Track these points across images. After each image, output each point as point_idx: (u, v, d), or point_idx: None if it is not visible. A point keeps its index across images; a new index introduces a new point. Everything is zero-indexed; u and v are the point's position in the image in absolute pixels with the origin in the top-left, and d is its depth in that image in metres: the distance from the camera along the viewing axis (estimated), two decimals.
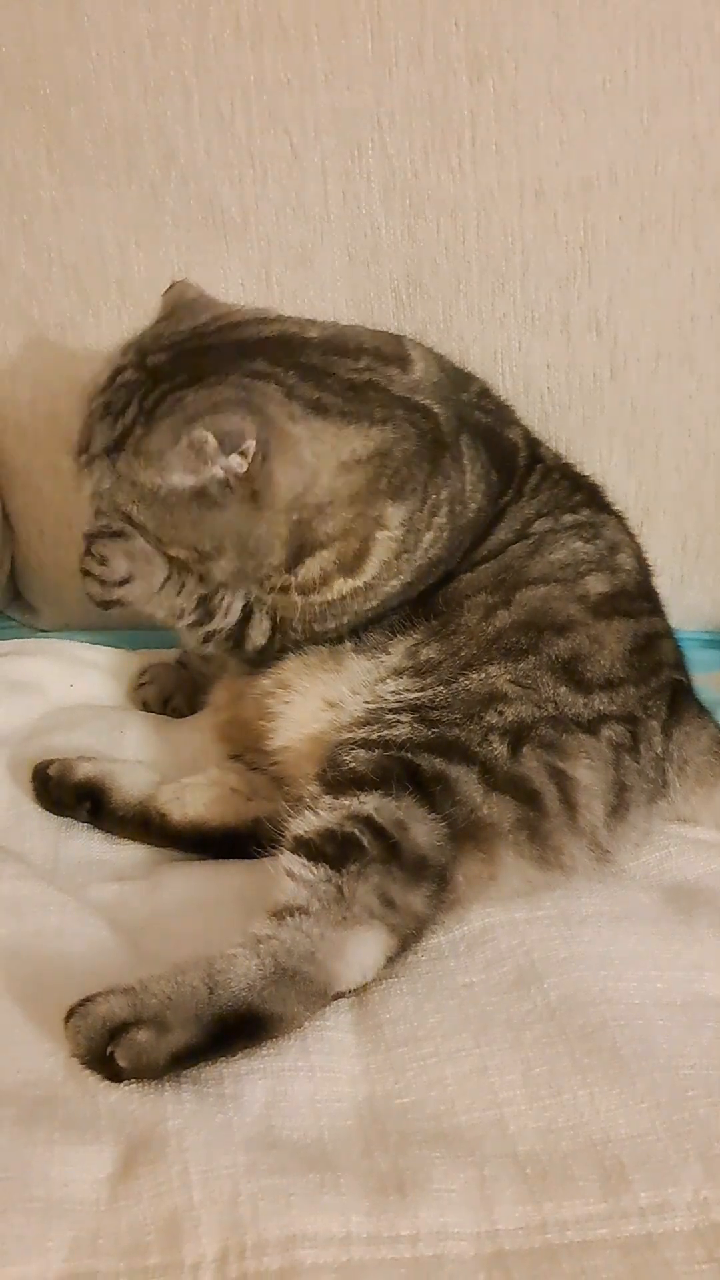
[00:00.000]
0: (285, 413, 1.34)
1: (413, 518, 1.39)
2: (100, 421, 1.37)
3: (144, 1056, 1.05)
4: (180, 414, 1.32)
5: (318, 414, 1.35)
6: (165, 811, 1.43)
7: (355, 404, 1.38)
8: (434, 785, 1.24)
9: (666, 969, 1.19)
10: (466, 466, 1.45)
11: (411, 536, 1.40)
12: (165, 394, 1.34)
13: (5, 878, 1.31)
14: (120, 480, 1.34)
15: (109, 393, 1.38)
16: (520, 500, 1.49)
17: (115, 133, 1.66)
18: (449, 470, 1.42)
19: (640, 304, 1.69)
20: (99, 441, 1.36)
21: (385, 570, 1.40)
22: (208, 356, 1.38)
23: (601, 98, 1.60)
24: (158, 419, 1.33)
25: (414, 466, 1.39)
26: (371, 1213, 0.96)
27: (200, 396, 1.33)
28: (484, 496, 1.45)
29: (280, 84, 1.62)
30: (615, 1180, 0.98)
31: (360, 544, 1.38)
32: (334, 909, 1.15)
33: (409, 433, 1.39)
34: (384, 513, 1.38)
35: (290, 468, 1.33)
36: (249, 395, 1.33)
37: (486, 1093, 1.07)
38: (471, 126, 1.62)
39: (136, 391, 1.36)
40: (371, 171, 1.65)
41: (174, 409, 1.33)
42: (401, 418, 1.40)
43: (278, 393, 1.34)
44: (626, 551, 1.49)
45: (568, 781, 1.30)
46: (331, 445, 1.36)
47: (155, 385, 1.35)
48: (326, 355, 1.40)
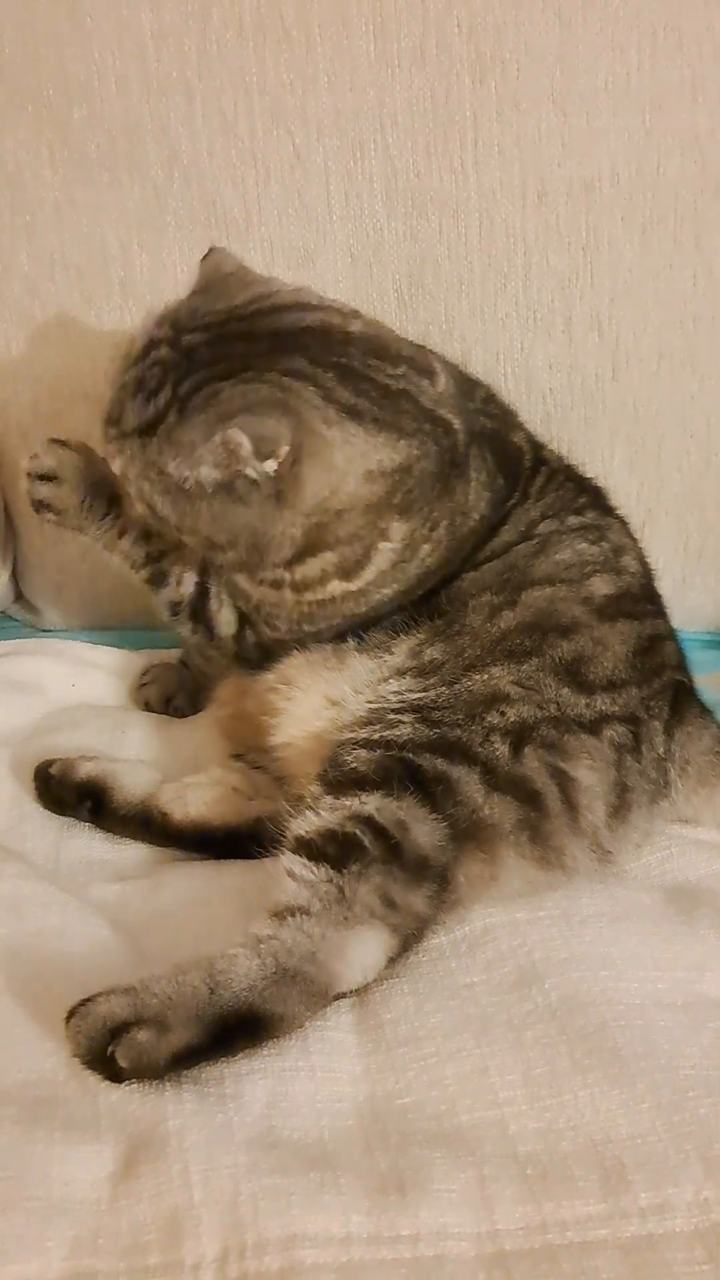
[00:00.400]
0: (320, 416, 1.31)
1: (413, 533, 1.39)
2: (132, 399, 1.34)
3: (145, 1056, 1.05)
4: (215, 410, 1.29)
5: (352, 419, 1.33)
6: (167, 811, 1.43)
7: (389, 412, 1.36)
8: (435, 785, 1.24)
9: (667, 970, 1.19)
10: (472, 478, 1.44)
11: (409, 550, 1.39)
12: (201, 384, 1.31)
13: (7, 877, 1.31)
14: (148, 466, 1.33)
15: (142, 367, 1.35)
16: (526, 503, 1.49)
17: (118, 133, 1.66)
18: (455, 486, 1.42)
19: (642, 305, 1.69)
20: (130, 419, 1.34)
21: (380, 578, 1.39)
22: (245, 344, 1.34)
23: (604, 99, 1.60)
24: (192, 410, 1.30)
25: (427, 487, 1.38)
26: (372, 1213, 0.96)
27: (237, 393, 1.30)
28: (488, 504, 1.45)
29: (283, 85, 1.62)
30: (615, 1181, 0.99)
31: (363, 552, 1.38)
32: (335, 909, 1.15)
33: (430, 450, 1.38)
34: (390, 526, 1.37)
35: (320, 472, 1.32)
36: (286, 397, 1.30)
37: (487, 1093, 1.07)
38: (474, 127, 1.62)
39: (171, 373, 1.32)
40: (374, 172, 1.65)
41: (209, 403, 1.30)
42: (427, 433, 1.38)
43: (315, 395, 1.32)
44: (631, 554, 1.49)
45: (569, 782, 1.30)
46: (361, 452, 1.34)
47: (190, 371, 1.32)
48: (366, 357, 1.37)
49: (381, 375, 1.37)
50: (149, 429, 1.32)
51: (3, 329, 1.77)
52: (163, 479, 1.32)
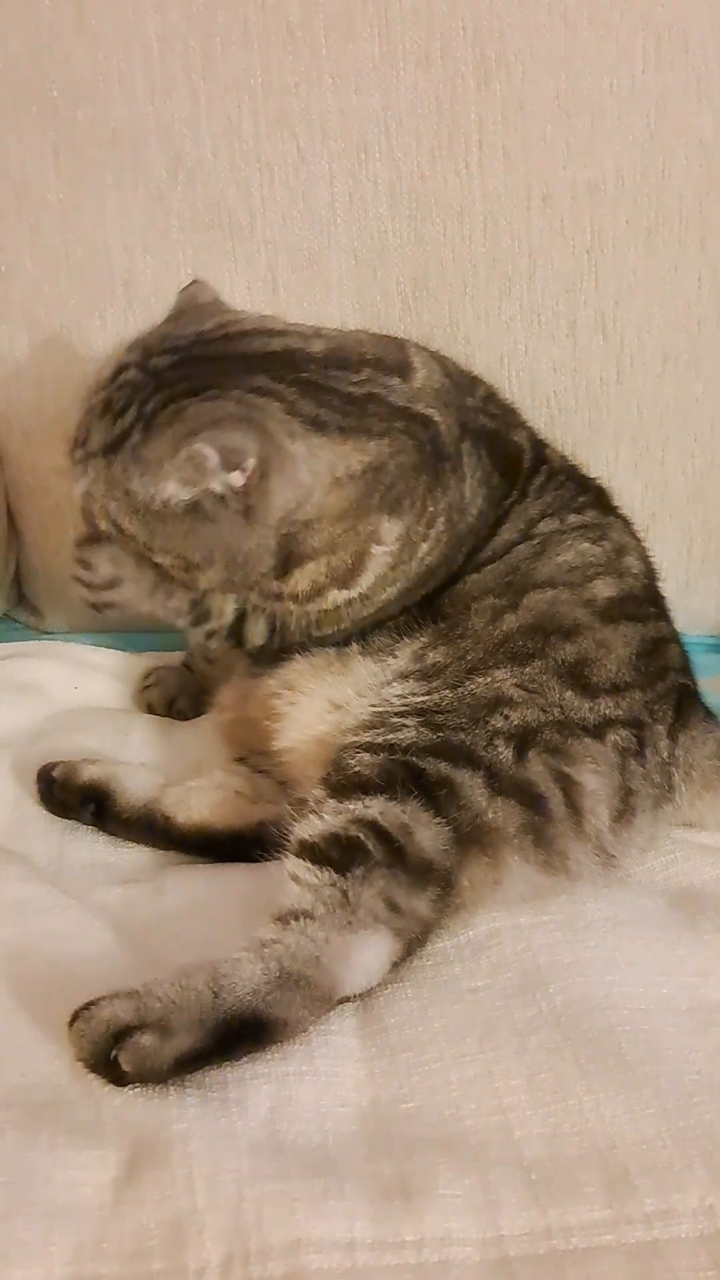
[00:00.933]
0: (285, 430, 1.33)
1: (409, 531, 1.39)
2: (99, 419, 1.36)
3: (148, 1061, 1.04)
4: (181, 426, 1.31)
5: (316, 430, 1.35)
6: (170, 814, 1.42)
7: (354, 418, 1.37)
8: (439, 789, 1.24)
9: (672, 974, 1.18)
10: (467, 474, 1.44)
11: (407, 550, 1.39)
12: (166, 402, 1.33)
13: (9, 880, 1.31)
14: (113, 486, 1.34)
15: (110, 389, 1.37)
16: (525, 500, 1.49)
17: (122, 135, 1.66)
18: (448, 480, 1.42)
19: (647, 307, 1.69)
20: (96, 439, 1.35)
21: (381, 582, 1.40)
22: (212, 366, 1.37)
23: (608, 102, 1.60)
24: (157, 427, 1.32)
25: (411, 479, 1.39)
26: (376, 1218, 0.95)
27: (202, 409, 1.32)
28: (485, 501, 1.45)
29: (287, 87, 1.62)
30: (620, 1186, 0.98)
31: (354, 558, 1.38)
32: (339, 913, 1.15)
33: (406, 445, 1.39)
34: (379, 527, 1.37)
35: (287, 485, 1.33)
36: (251, 411, 1.32)
37: (491, 1098, 1.06)
38: (478, 130, 1.62)
39: (138, 394, 1.35)
40: (378, 174, 1.65)
41: (174, 419, 1.32)
42: (399, 429, 1.39)
43: (279, 410, 1.33)
44: (634, 555, 1.49)
45: (573, 786, 1.29)
46: (327, 462, 1.35)
47: (157, 390, 1.34)
48: (327, 369, 1.38)
49: (344, 385, 1.38)
50: (114, 448, 1.34)
51: (7, 331, 1.77)
52: (129, 498, 1.33)
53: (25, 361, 1.79)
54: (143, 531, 1.35)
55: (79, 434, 1.38)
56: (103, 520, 1.37)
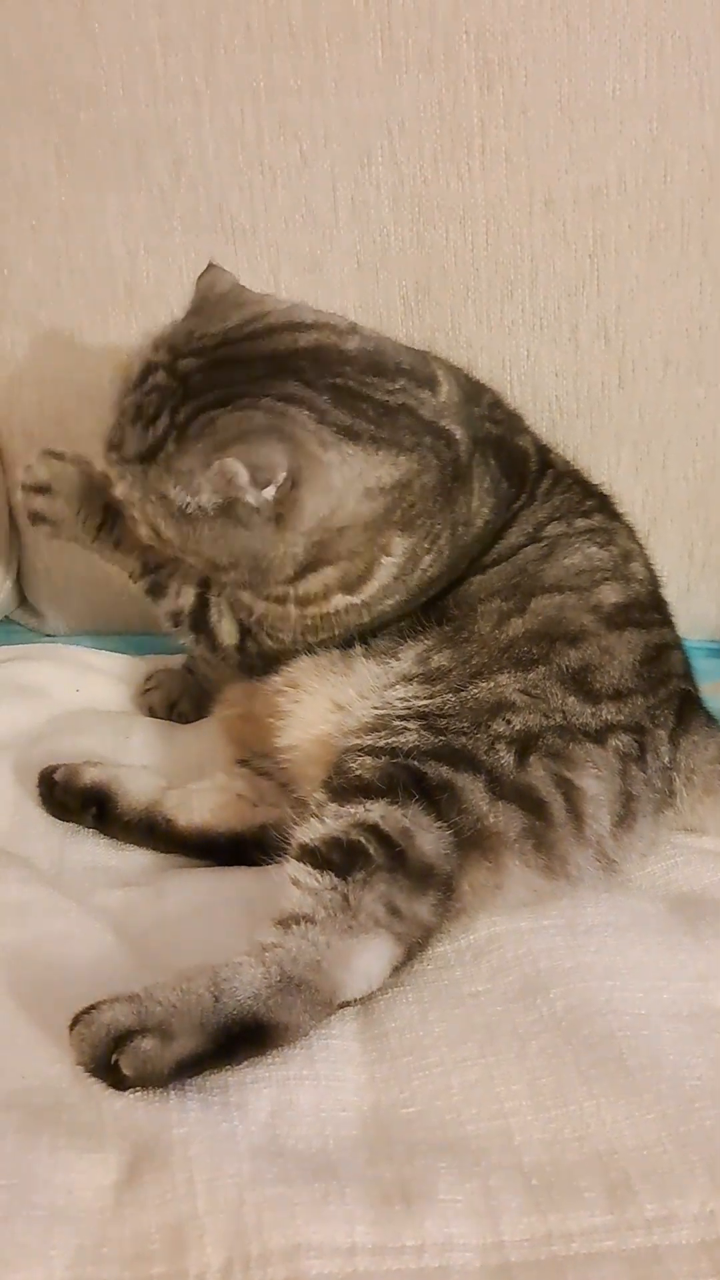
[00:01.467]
0: (317, 439, 1.31)
1: (415, 547, 1.39)
2: (132, 425, 1.34)
3: (149, 1064, 1.04)
4: (211, 438, 1.30)
5: (349, 439, 1.33)
6: (171, 817, 1.42)
7: (387, 429, 1.36)
8: (440, 793, 1.24)
9: (673, 979, 1.18)
10: (475, 486, 1.44)
11: (410, 562, 1.39)
12: (197, 411, 1.32)
13: (10, 882, 1.31)
14: (149, 491, 1.33)
15: (140, 393, 1.35)
16: (532, 505, 1.49)
17: (124, 138, 1.66)
18: (458, 498, 1.42)
19: (649, 312, 1.69)
20: (131, 446, 1.34)
21: (383, 591, 1.40)
22: (240, 369, 1.35)
23: (611, 106, 1.60)
24: (189, 438, 1.31)
25: (429, 501, 1.39)
26: (376, 1223, 0.95)
27: (231, 421, 1.30)
28: (491, 510, 1.45)
29: (290, 90, 1.62)
30: (621, 1192, 0.98)
31: (365, 567, 1.38)
32: (340, 918, 1.15)
33: (431, 464, 1.38)
34: (390, 541, 1.38)
35: (319, 494, 1.32)
36: (281, 422, 1.30)
37: (492, 1103, 1.06)
38: (481, 134, 1.62)
39: (168, 400, 1.33)
40: (381, 178, 1.65)
41: (205, 431, 1.30)
42: (428, 446, 1.38)
43: (310, 419, 1.32)
44: (639, 561, 1.49)
45: (574, 791, 1.29)
46: (360, 471, 1.34)
47: (187, 397, 1.33)
48: (363, 374, 1.37)
49: (379, 392, 1.37)
50: (149, 456, 1.33)
51: (8, 333, 1.77)
52: (165, 503, 1.32)
53: (26, 363, 1.79)
54: (177, 535, 1.34)
55: (113, 437, 1.37)
56: (143, 524, 1.37)
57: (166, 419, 1.32)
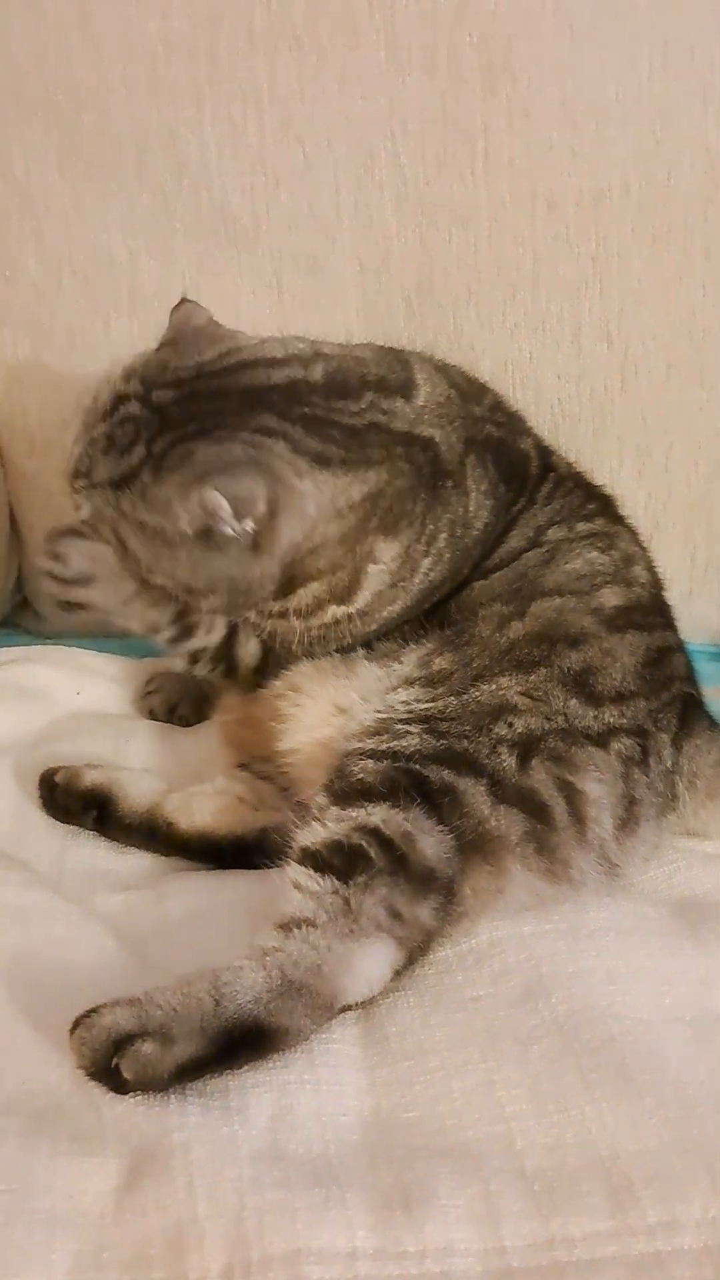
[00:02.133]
0: (292, 469, 1.33)
1: (409, 550, 1.39)
2: (104, 455, 1.36)
3: (149, 1069, 1.04)
4: (190, 470, 1.31)
5: (321, 466, 1.35)
6: (172, 820, 1.42)
7: (355, 450, 1.37)
8: (442, 797, 1.23)
9: (675, 984, 1.18)
10: (471, 487, 1.44)
11: (407, 567, 1.40)
12: (174, 442, 1.33)
13: (10, 885, 1.30)
14: (122, 515, 1.34)
15: (111, 424, 1.36)
16: (533, 508, 1.49)
17: (127, 140, 1.66)
18: (449, 497, 1.42)
19: (651, 315, 1.69)
20: (101, 472, 1.35)
21: (379, 599, 1.40)
22: (217, 402, 1.36)
23: (614, 109, 1.60)
24: (167, 469, 1.32)
25: (408, 501, 1.39)
26: (377, 1228, 0.95)
27: (211, 453, 1.32)
28: (491, 512, 1.45)
29: (293, 93, 1.62)
30: (623, 1197, 0.97)
31: (350, 577, 1.38)
32: (341, 921, 1.15)
33: (403, 470, 1.39)
34: (374, 548, 1.38)
35: (294, 520, 1.34)
36: (259, 454, 1.32)
37: (493, 1107, 1.06)
38: (484, 137, 1.62)
39: (143, 431, 1.34)
40: (384, 181, 1.65)
41: (183, 462, 1.32)
42: (399, 456, 1.39)
43: (285, 450, 1.34)
44: (641, 564, 1.49)
45: (577, 794, 1.29)
46: (331, 496, 1.35)
47: (163, 429, 1.34)
48: (329, 400, 1.38)
49: (345, 416, 1.38)
50: (122, 484, 1.34)
51: (10, 335, 1.77)
52: (139, 525, 1.34)
53: (28, 366, 1.79)
54: (149, 557, 1.36)
55: (80, 466, 1.38)
56: (109, 540, 1.37)
57: (142, 449, 1.34)
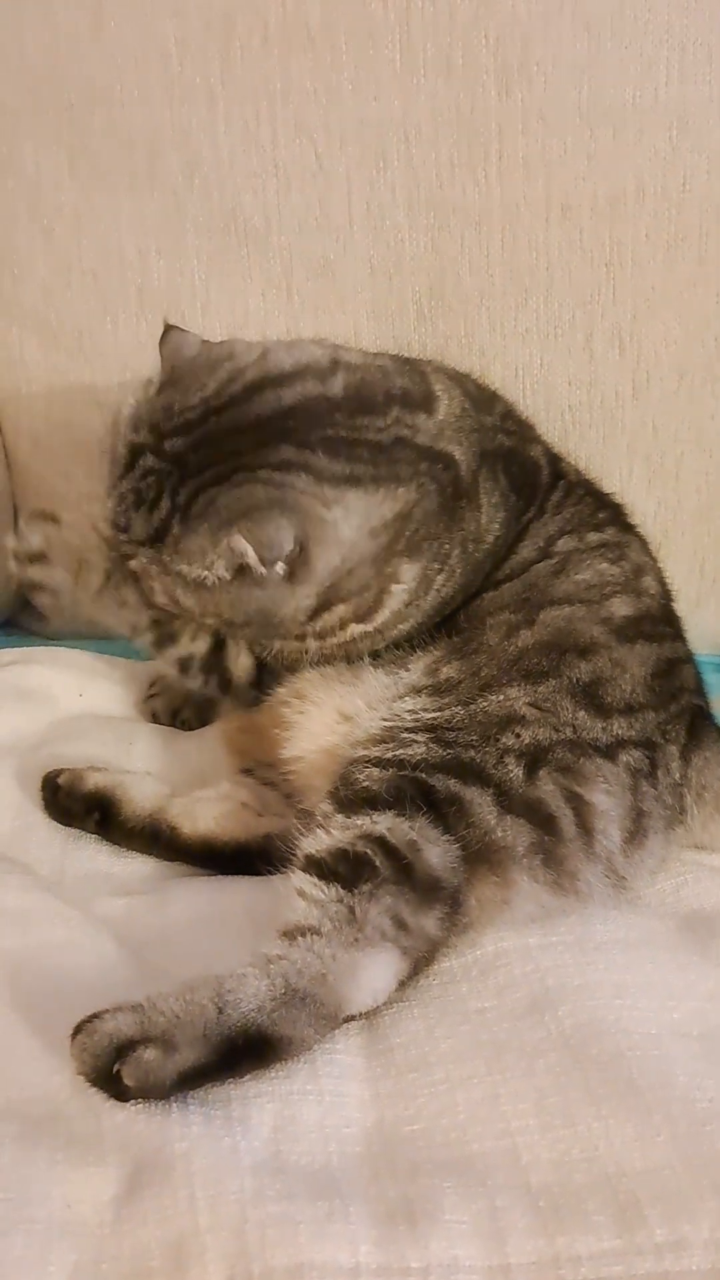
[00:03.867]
0: (319, 501, 1.32)
1: (425, 570, 1.39)
2: (135, 511, 1.34)
3: (151, 1076, 1.03)
4: (215, 517, 1.30)
5: (350, 487, 1.34)
6: (176, 825, 1.41)
7: (384, 466, 1.36)
8: (448, 806, 1.23)
9: (683, 999, 1.17)
10: (484, 501, 1.43)
11: (423, 585, 1.39)
12: (196, 492, 1.32)
13: (11, 889, 1.30)
14: (164, 569, 1.34)
15: (133, 478, 1.35)
16: (543, 517, 1.48)
17: (138, 140, 1.66)
18: (464, 515, 1.41)
19: (664, 322, 1.68)
20: (138, 529, 1.34)
21: (396, 616, 1.40)
22: (230, 440, 1.34)
23: (630, 114, 1.59)
24: (193, 518, 1.31)
25: (432, 524, 1.38)
26: (381, 1243, 0.94)
27: (232, 499, 1.31)
28: (502, 524, 1.44)
29: (306, 93, 1.62)
30: (630, 1215, 0.96)
31: (375, 598, 1.38)
32: (346, 930, 1.14)
33: (430, 490, 1.38)
34: (399, 570, 1.37)
35: (329, 550, 1.33)
36: (282, 494, 1.31)
37: (499, 1121, 1.05)
38: (499, 139, 1.61)
39: (165, 482, 1.33)
40: (396, 183, 1.64)
41: (208, 510, 1.31)
42: (425, 472, 1.38)
43: (309, 482, 1.32)
44: (651, 575, 1.48)
45: (584, 806, 1.28)
46: (363, 514, 1.34)
47: (183, 479, 1.33)
48: (352, 418, 1.36)
49: (370, 432, 1.37)
50: (157, 538, 1.33)
51: (18, 334, 1.76)
52: (180, 578, 1.33)
53: (35, 365, 1.78)
54: (196, 604, 1.35)
55: (119, 521, 1.36)
56: (161, 596, 1.37)
57: (168, 501, 1.33)
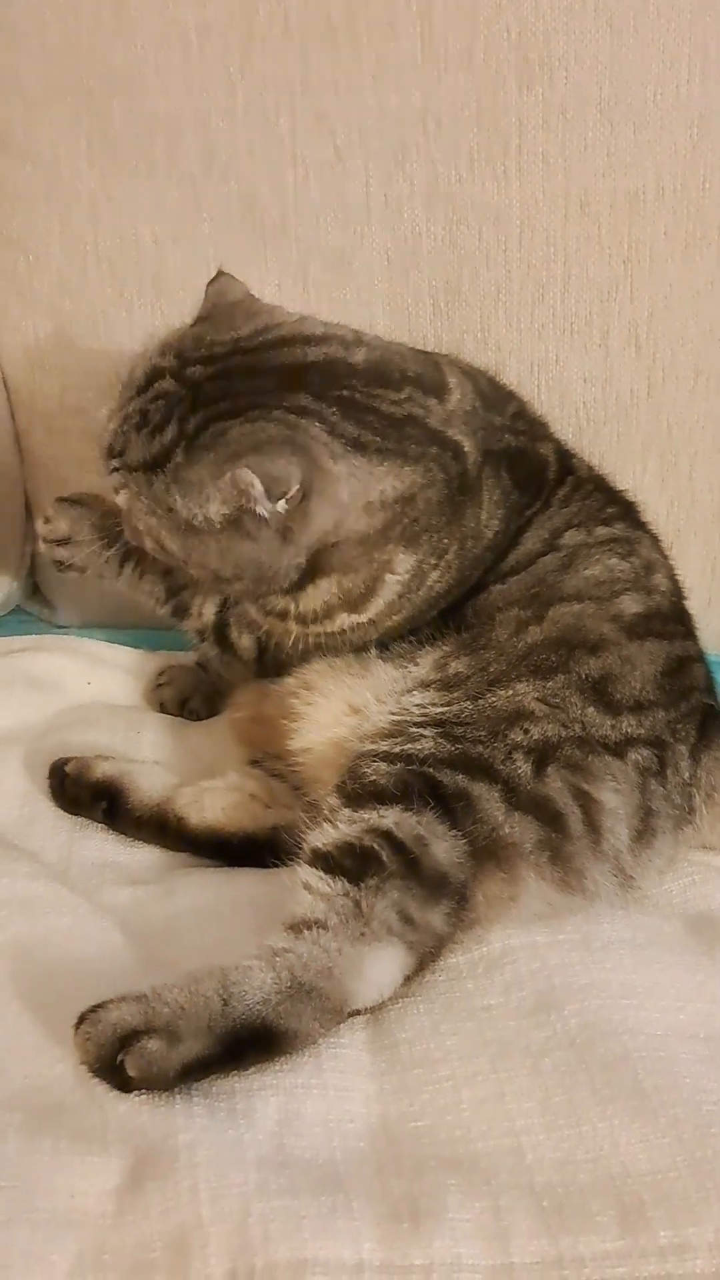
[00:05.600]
0: (327, 451, 1.30)
1: (421, 564, 1.38)
2: (137, 432, 1.33)
3: (154, 1066, 1.03)
4: (224, 449, 1.29)
5: (357, 451, 1.32)
6: (183, 815, 1.41)
7: (393, 440, 1.35)
8: (455, 802, 1.22)
9: (689, 1000, 1.17)
10: (484, 499, 1.42)
11: (416, 579, 1.38)
12: (208, 421, 1.30)
13: (18, 877, 1.30)
14: (155, 502, 1.32)
15: (145, 399, 1.34)
16: (548, 510, 1.47)
17: (157, 127, 1.65)
18: (465, 512, 1.40)
19: (681, 320, 1.67)
20: (134, 453, 1.33)
21: (389, 608, 1.39)
22: (251, 379, 1.33)
23: (651, 111, 1.58)
24: (199, 448, 1.29)
25: (433, 516, 1.37)
26: (384, 1240, 0.94)
27: (245, 432, 1.29)
28: (501, 520, 1.43)
29: (326, 84, 1.61)
30: (634, 1217, 0.96)
31: (367, 584, 1.37)
32: (352, 924, 1.13)
33: (436, 477, 1.37)
34: (393, 558, 1.36)
35: (327, 506, 1.31)
36: (294, 434, 1.30)
37: (503, 1120, 1.05)
38: (519, 134, 1.60)
39: (176, 408, 1.32)
40: (415, 176, 1.63)
41: (217, 441, 1.29)
42: (433, 456, 1.37)
43: (321, 431, 1.31)
44: (662, 572, 1.47)
45: (592, 804, 1.28)
46: (365, 483, 1.33)
47: (196, 406, 1.31)
48: (370, 386, 1.36)
49: (385, 404, 1.36)
50: (155, 465, 1.31)
51: (32, 320, 1.75)
52: (170, 515, 1.31)
53: (49, 350, 1.78)
54: (181, 548, 1.33)
55: (114, 443, 1.35)
56: (146, 537, 1.36)
57: (175, 427, 1.31)
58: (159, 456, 1.31)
